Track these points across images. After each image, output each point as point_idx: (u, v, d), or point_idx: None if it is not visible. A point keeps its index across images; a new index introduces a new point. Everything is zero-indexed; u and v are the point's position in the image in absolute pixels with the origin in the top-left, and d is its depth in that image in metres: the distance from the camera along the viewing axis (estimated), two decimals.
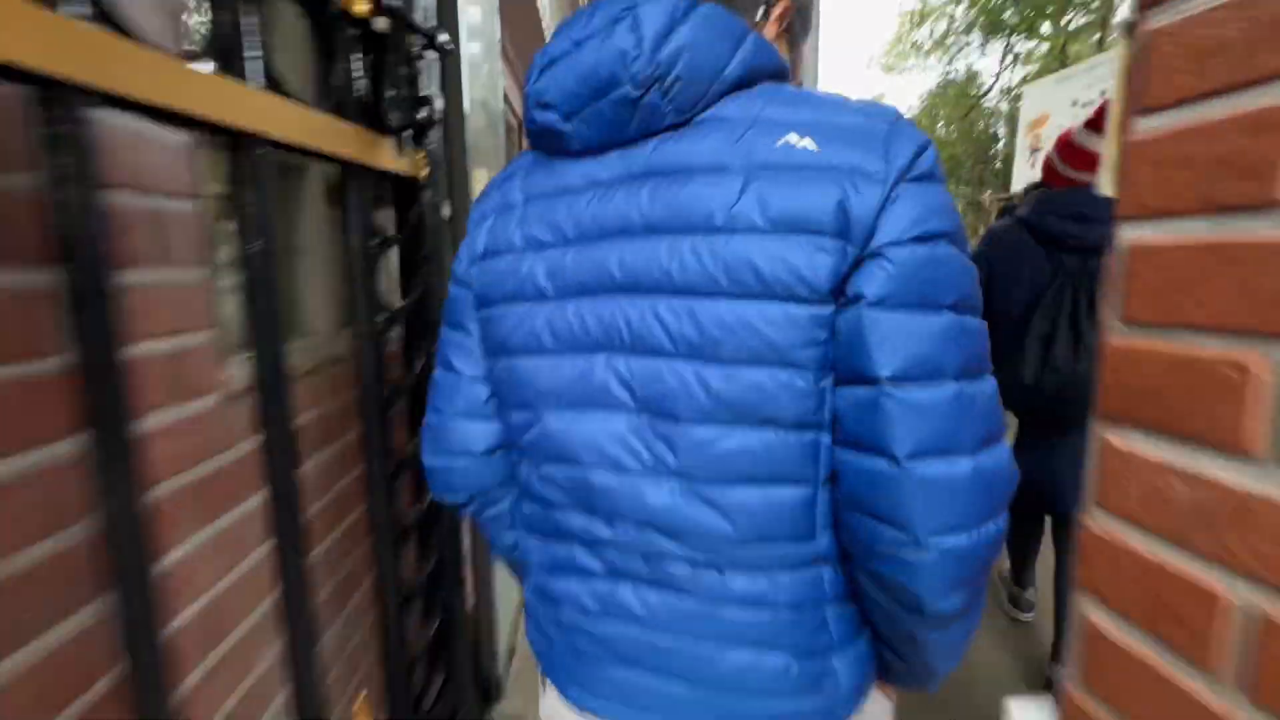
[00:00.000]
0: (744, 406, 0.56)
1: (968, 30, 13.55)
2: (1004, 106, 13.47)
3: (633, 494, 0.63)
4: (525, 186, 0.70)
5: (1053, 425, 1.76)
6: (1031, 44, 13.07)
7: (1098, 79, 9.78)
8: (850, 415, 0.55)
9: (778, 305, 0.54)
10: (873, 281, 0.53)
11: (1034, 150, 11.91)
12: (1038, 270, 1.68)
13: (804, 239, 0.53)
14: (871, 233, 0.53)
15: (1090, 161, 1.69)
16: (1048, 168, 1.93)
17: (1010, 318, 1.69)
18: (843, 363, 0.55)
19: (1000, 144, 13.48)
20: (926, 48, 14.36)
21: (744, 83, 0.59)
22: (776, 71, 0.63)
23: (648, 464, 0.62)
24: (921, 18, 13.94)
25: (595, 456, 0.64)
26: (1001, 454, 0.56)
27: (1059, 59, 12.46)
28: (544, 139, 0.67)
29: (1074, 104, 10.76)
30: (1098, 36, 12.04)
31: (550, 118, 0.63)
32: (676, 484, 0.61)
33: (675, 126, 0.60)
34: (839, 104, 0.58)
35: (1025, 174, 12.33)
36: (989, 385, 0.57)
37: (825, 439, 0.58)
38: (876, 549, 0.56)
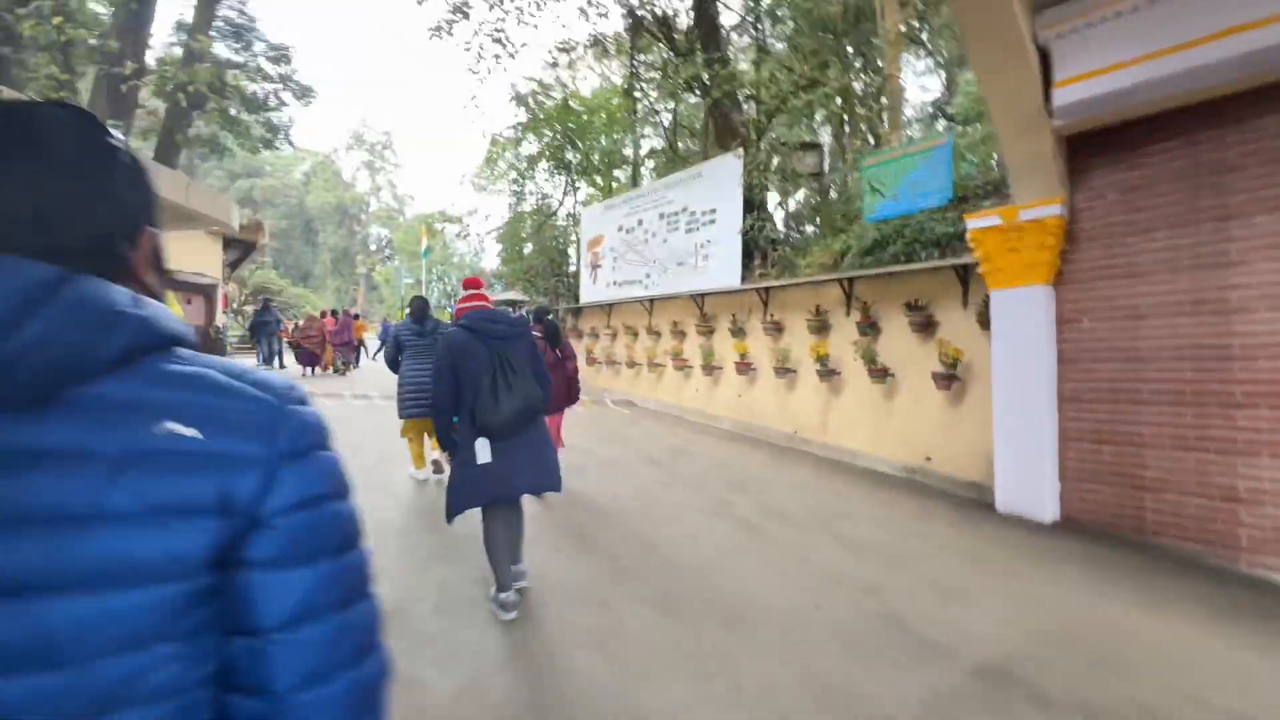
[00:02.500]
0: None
1: (533, 164, 16.85)
2: (571, 228, 16.06)
3: None
4: None
5: (508, 435, 2.87)
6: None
7: (634, 210, 10.80)
8: (239, 665, 0.56)
9: (152, 589, 0.51)
10: (258, 547, 0.56)
11: (594, 266, 10.14)
12: (479, 352, 2.89)
13: (183, 523, 0.52)
14: (256, 509, 0.56)
15: (466, 301, 3.16)
16: (458, 308, 3.23)
17: (475, 379, 2.83)
18: (231, 620, 0.56)
19: (571, 260, 15.74)
20: (507, 172, 17.92)
21: (125, 361, 0.54)
22: (165, 341, 0.58)
23: None
24: (503, 147, 17.26)
25: None
26: (379, 661, 0.63)
27: (605, 192, 12.12)
28: None
29: (619, 229, 10.72)
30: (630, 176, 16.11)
31: None
32: None
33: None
34: (226, 387, 0.58)
35: (589, 286, 10.20)
36: (369, 606, 0.63)
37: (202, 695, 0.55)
38: None
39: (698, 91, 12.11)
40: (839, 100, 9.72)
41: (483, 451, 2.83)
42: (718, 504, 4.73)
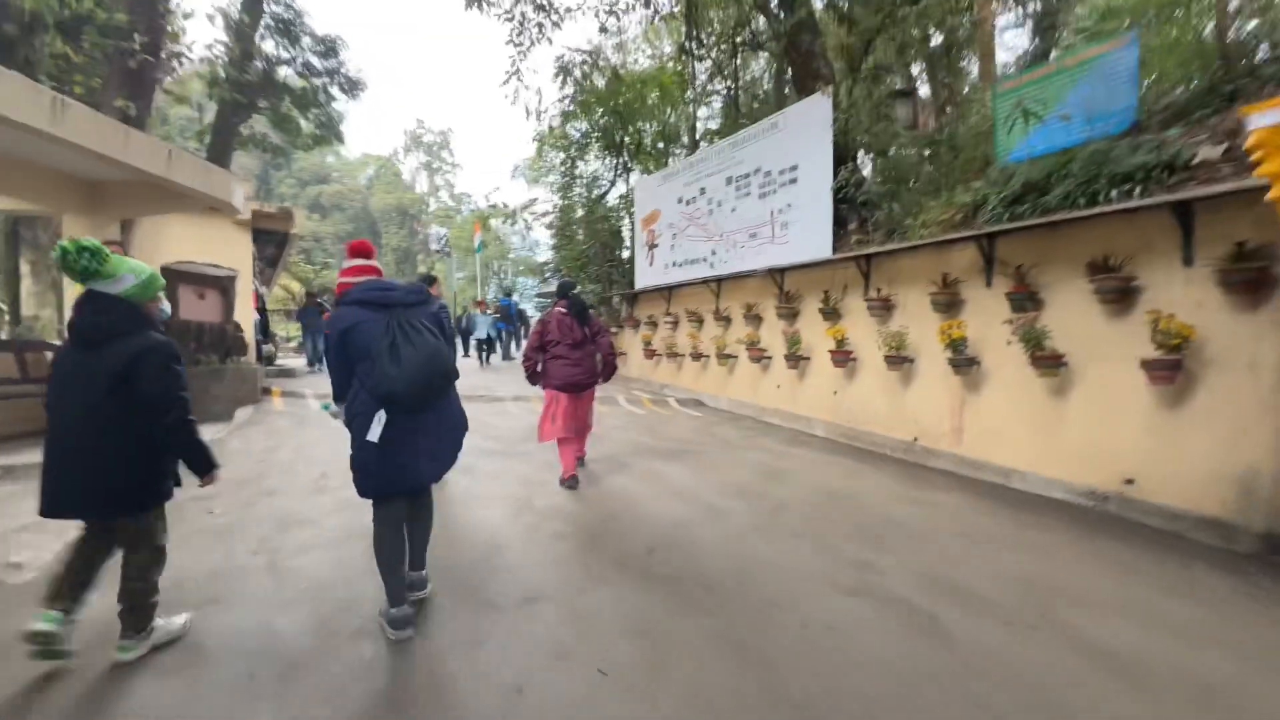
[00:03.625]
0: None
1: (583, 147, 15.33)
2: (624, 209, 14.22)
3: None
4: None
5: (416, 407, 2.39)
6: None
7: (695, 177, 9.37)
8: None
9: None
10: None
11: (650, 246, 8.64)
12: (373, 323, 2.41)
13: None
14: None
15: (351, 274, 2.74)
16: (341, 282, 2.78)
17: (369, 350, 2.38)
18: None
19: (626, 243, 13.91)
20: (556, 157, 16.74)
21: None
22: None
23: None
24: (552, 138, 15.90)
25: None
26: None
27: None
28: None
29: (679, 200, 9.27)
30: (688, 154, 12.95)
31: None
32: None
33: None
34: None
35: (644, 269, 8.68)
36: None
37: None
38: None
39: (766, 39, 10.42)
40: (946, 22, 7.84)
41: (375, 427, 2.39)
42: (854, 572, 3.14)
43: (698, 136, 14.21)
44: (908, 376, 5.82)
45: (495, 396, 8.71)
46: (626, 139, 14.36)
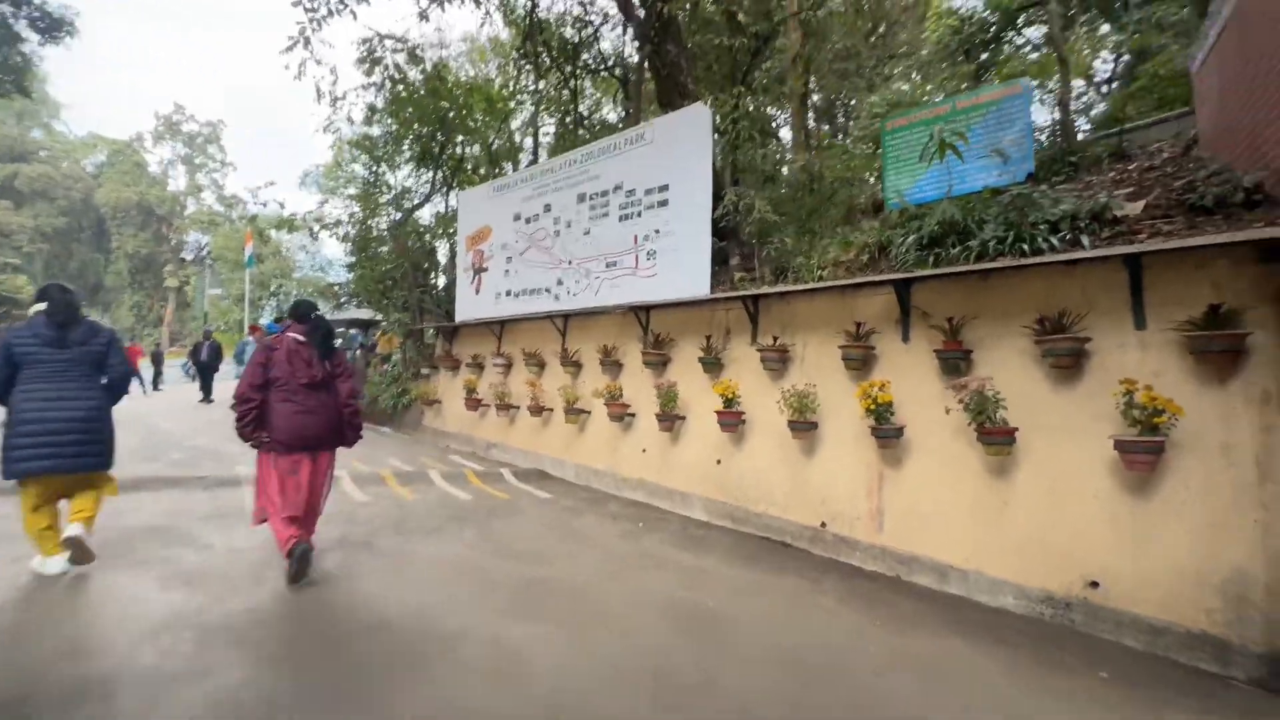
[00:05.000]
0: None
1: (393, 149, 12.82)
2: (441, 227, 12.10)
3: None
4: None
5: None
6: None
7: (539, 191, 7.70)
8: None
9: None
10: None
11: (476, 270, 7.17)
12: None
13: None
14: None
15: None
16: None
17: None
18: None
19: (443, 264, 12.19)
20: (356, 161, 15.28)
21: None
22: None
23: None
24: (356, 143, 13.79)
25: None
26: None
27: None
28: None
29: (517, 217, 7.68)
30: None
31: None
32: None
33: None
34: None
35: (469, 298, 7.15)
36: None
37: None
38: None
39: (615, 61, 9.44)
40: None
41: None
42: None
43: (538, 148, 12.73)
44: (812, 445, 4.78)
45: (230, 477, 5.89)
46: (446, 155, 12.22)
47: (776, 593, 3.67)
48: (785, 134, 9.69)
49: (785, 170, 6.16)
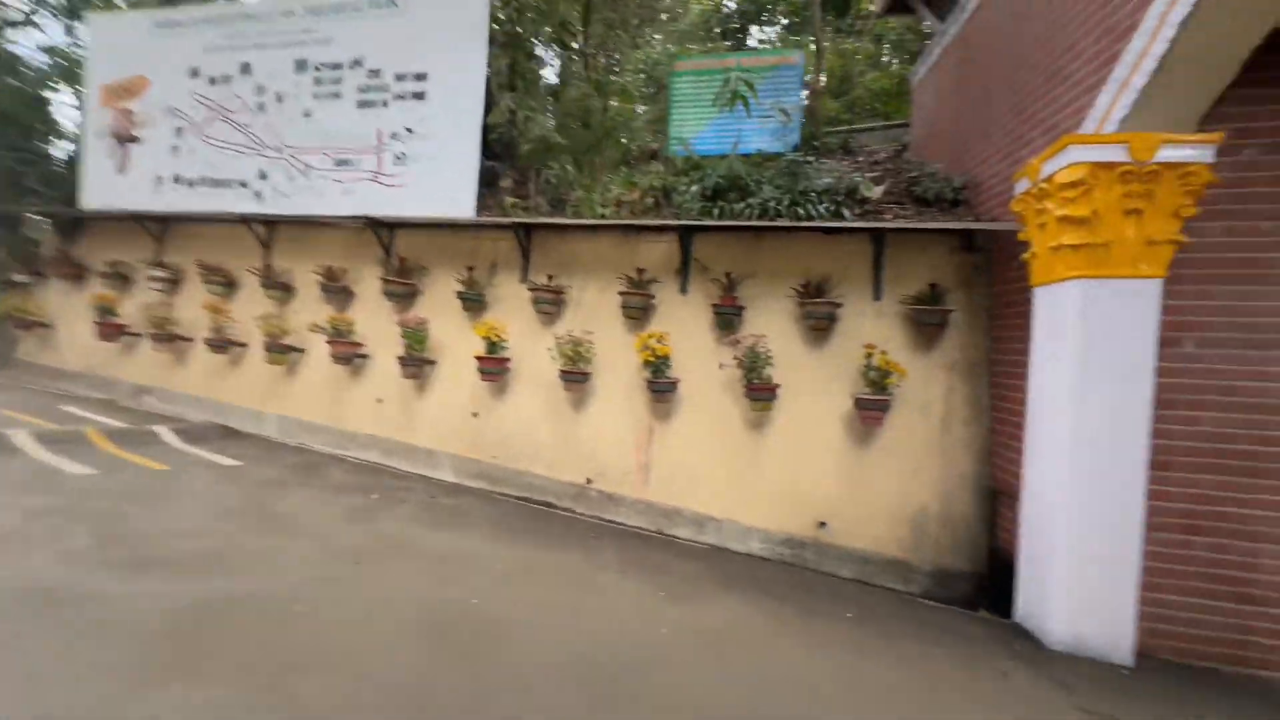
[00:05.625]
0: None
1: None
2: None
3: None
4: None
5: None
6: None
7: (234, 39, 5.49)
8: None
9: None
10: None
11: (123, 138, 5.41)
12: None
13: None
14: None
15: None
16: None
17: None
18: None
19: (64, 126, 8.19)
20: None
21: None
22: None
23: None
24: None
25: None
26: None
27: None
28: None
29: (196, 73, 5.61)
30: None
31: None
32: None
33: None
34: None
35: (106, 176, 5.43)
36: None
37: None
38: None
39: None
40: None
41: None
42: None
43: None
44: (583, 398, 4.41)
45: None
46: None
47: (552, 574, 3.22)
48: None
49: (569, 93, 5.48)
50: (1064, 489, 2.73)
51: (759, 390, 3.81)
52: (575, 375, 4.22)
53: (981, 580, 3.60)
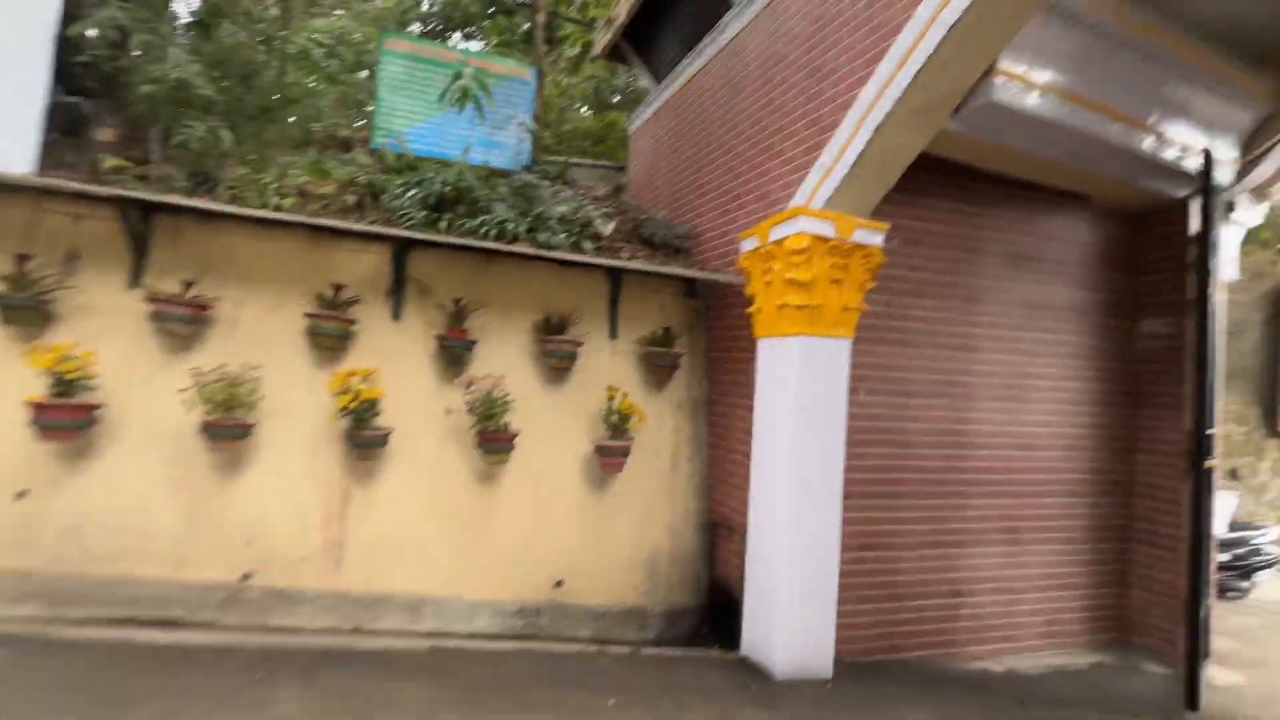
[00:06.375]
0: None
1: None
2: None
3: None
4: None
5: None
6: None
7: None
8: None
9: None
10: None
11: None
12: None
13: None
14: None
15: None
16: None
17: None
18: None
19: None
20: None
21: None
22: None
23: None
24: None
25: None
26: None
27: None
28: None
29: None
30: None
31: None
32: None
33: None
34: None
35: None
36: None
37: None
38: None
39: None
40: None
41: None
42: None
43: None
44: (238, 460, 3.10)
45: None
46: None
47: None
48: None
49: (223, 36, 3.93)
50: (785, 528, 2.98)
51: (495, 440, 3.25)
52: (229, 429, 2.93)
53: (703, 612, 3.76)
